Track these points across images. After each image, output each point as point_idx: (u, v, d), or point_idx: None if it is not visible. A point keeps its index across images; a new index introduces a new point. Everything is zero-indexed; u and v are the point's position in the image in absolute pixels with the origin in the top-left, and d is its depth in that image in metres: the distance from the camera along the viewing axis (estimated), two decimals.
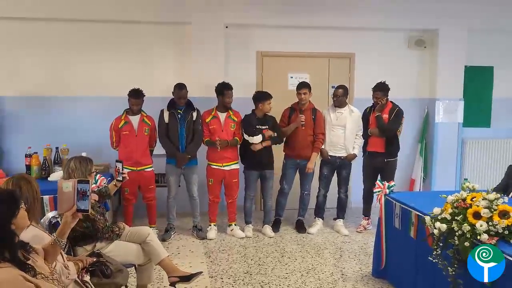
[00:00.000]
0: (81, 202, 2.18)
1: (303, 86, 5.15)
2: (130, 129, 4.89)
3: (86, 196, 2.18)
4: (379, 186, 4.01)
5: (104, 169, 5.21)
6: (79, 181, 2.20)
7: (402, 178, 6.39)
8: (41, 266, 2.07)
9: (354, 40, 6.18)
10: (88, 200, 2.19)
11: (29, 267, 1.95)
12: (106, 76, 5.70)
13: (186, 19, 5.72)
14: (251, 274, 4.15)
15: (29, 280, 1.87)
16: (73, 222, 2.21)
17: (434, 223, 2.93)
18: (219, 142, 4.93)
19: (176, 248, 4.84)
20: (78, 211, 2.19)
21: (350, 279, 4.05)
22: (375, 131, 5.19)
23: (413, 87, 6.39)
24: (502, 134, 6.54)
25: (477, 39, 6.28)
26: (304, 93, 5.12)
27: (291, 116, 5.24)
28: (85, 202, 2.18)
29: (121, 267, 2.88)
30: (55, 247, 2.23)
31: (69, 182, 2.19)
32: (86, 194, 2.18)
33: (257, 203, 6.10)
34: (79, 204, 2.18)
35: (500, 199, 2.76)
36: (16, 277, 1.84)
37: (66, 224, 2.20)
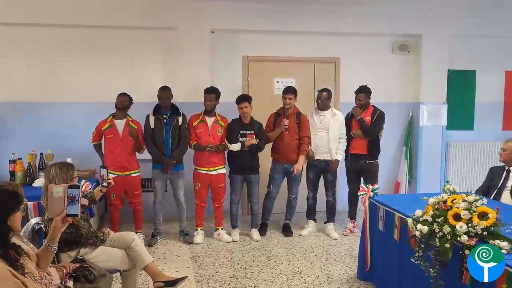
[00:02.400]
0: (71, 207, 2.19)
1: (288, 91, 5.19)
2: (115, 133, 4.88)
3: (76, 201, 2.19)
4: (363, 189, 4.05)
5: (90, 175, 5.19)
6: (70, 186, 2.22)
7: (388, 181, 6.48)
8: (31, 269, 2.09)
9: (339, 45, 6.24)
10: (78, 205, 2.21)
11: (19, 265, 1.97)
12: (93, 82, 5.69)
13: (172, 24, 5.74)
14: (238, 278, 4.16)
15: (16, 276, 1.89)
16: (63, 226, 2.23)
17: (416, 225, 2.97)
18: (209, 148, 4.96)
19: (162, 253, 4.83)
20: (68, 215, 2.20)
21: (336, 282, 4.08)
22: (358, 133, 5.25)
23: (397, 91, 6.47)
24: (485, 137, 6.64)
25: (460, 43, 6.39)
26: (289, 98, 5.16)
27: (276, 121, 5.28)
28: (75, 207, 2.20)
29: (105, 272, 2.87)
30: (47, 252, 2.25)
31: (60, 187, 2.21)
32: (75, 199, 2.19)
33: (244, 207, 6.12)
34: (69, 208, 2.19)
35: (480, 200, 2.80)
36: (4, 271, 1.87)
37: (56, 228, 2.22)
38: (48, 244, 2.24)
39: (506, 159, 4.36)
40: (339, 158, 5.28)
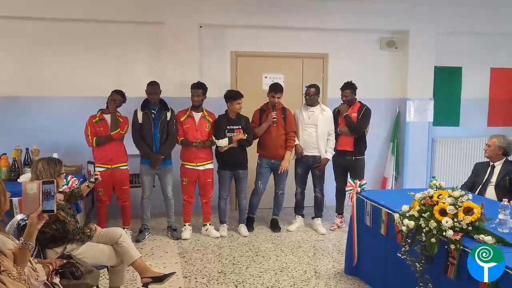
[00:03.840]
0: (46, 202, 2.16)
1: (279, 91, 5.18)
2: (105, 126, 4.84)
3: (51, 196, 2.16)
4: (350, 184, 4.07)
5: (76, 170, 5.13)
6: (44, 182, 2.18)
7: (375, 177, 6.53)
8: (8, 267, 2.05)
9: (328, 40, 6.26)
10: (53, 200, 2.17)
11: None
12: (80, 76, 5.63)
13: (160, 18, 5.69)
14: (225, 273, 4.16)
15: None
16: (39, 223, 2.19)
17: (402, 220, 3.01)
18: (196, 144, 4.95)
19: (150, 248, 4.81)
20: (43, 211, 2.17)
21: (323, 277, 4.11)
22: (344, 129, 5.27)
23: (385, 87, 6.51)
24: (471, 133, 6.72)
25: (446, 40, 6.45)
26: (278, 97, 5.17)
27: (262, 117, 5.28)
28: (50, 202, 2.16)
29: (92, 268, 2.85)
30: (24, 250, 2.20)
31: (34, 184, 2.17)
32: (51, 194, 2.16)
33: (232, 202, 6.12)
34: (44, 204, 2.15)
35: (465, 196, 2.85)
36: None
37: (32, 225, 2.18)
38: (25, 241, 2.20)
39: (491, 154, 4.42)
40: (329, 157, 5.30)
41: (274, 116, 5.13)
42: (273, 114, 5.14)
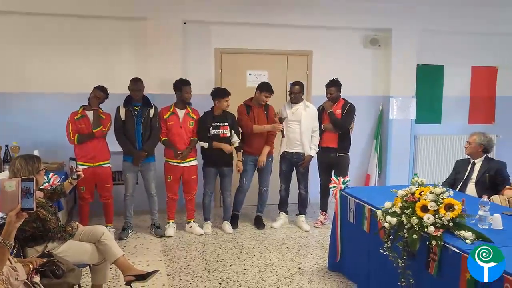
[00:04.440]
0: (25, 200, 2.12)
1: (271, 92, 5.20)
2: (87, 123, 4.78)
3: (30, 194, 2.12)
4: (334, 181, 4.10)
5: (58, 167, 5.08)
6: (23, 180, 2.14)
7: (358, 174, 6.58)
8: None
9: (312, 38, 6.27)
10: (32, 198, 2.13)
11: None
12: (62, 72, 5.55)
13: (143, 14, 5.63)
14: (209, 271, 4.15)
15: None
16: (18, 221, 2.14)
17: (385, 217, 3.03)
18: (180, 154, 4.94)
19: (133, 246, 4.78)
20: (22, 209, 2.12)
21: (307, 273, 4.13)
22: (329, 126, 5.30)
23: (368, 85, 6.56)
24: (452, 130, 6.81)
25: (429, 38, 6.52)
26: (268, 97, 5.20)
27: (249, 112, 5.27)
28: (30, 200, 2.12)
29: (73, 267, 2.81)
30: (2, 249, 2.15)
31: (13, 181, 2.12)
32: (30, 192, 2.12)
33: (217, 200, 6.11)
34: (23, 202, 2.11)
35: (446, 192, 2.89)
36: None
37: (10, 224, 2.13)
38: (3, 240, 2.15)
39: (472, 152, 4.49)
40: (312, 154, 5.31)
41: (281, 128, 5.17)
42: (279, 126, 5.16)
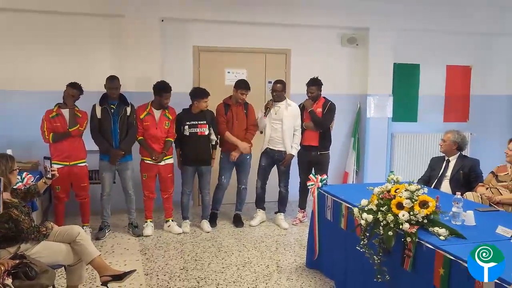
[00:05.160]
0: None
1: (248, 89, 5.20)
2: (62, 121, 4.69)
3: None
4: (312, 179, 4.13)
5: (33, 166, 4.98)
6: None
7: (337, 171, 6.63)
8: None
9: (290, 36, 6.28)
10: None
11: None
12: (36, 70, 5.45)
13: (120, 11, 5.57)
14: (188, 270, 4.13)
15: None
16: None
17: (361, 214, 3.06)
18: (155, 158, 4.92)
19: (110, 246, 4.72)
20: None
21: (285, 271, 4.15)
22: (309, 125, 5.32)
23: (346, 83, 6.61)
24: (427, 129, 6.92)
25: (405, 38, 6.60)
26: (246, 94, 5.20)
27: (227, 112, 5.26)
28: None
29: (47, 268, 2.76)
30: None
31: None
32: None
33: (195, 198, 6.08)
34: None
35: (421, 190, 2.93)
36: None
37: None
38: None
39: (446, 149, 4.58)
40: (293, 153, 5.32)
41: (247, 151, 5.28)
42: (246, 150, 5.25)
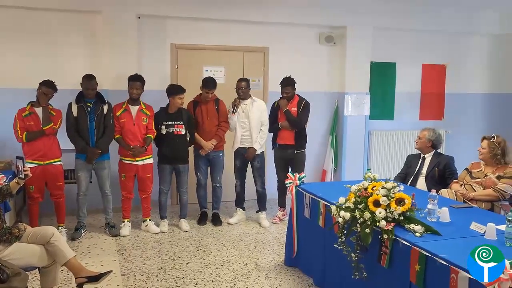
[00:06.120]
0: None
1: (212, 87, 5.17)
2: (35, 120, 4.58)
3: None
4: (290, 177, 4.14)
5: (5, 166, 4.87)
6: None
7: (315, 169, 6.67)
8: None
9: (268, 34, 6.28)
10: None
11: None
12: (8, 67, 5.30)
13: (96, 7, 5.47)
14: (165, 269, 4.10)
15: None
16: None
17: (339, 212, 3.09)
18: (133, 150, 4.84)
19: (87, 247, 4.64)
20: None
21: (264, 269, 4.15)
22: (285, 124, 5.32)
23: (324, 82, 6.64)
24: (404, 126, 7.02)
25: (382, 36, 6.67)
26: (212, 93, 5.17)
27: (196, 109, 5.25)
28: None
29: (19, 271, 2.70)
30: None
31: None
32: None
33: (173, 197, 6.03)
34: None
35: (397, 187, 2.97)
36: None
37: None
38: None
39: (421, 147, 4.65)
40: (256, 147, 5.29)
41: (209, 149, 5.24)
42: (208, 148, 5.22)
